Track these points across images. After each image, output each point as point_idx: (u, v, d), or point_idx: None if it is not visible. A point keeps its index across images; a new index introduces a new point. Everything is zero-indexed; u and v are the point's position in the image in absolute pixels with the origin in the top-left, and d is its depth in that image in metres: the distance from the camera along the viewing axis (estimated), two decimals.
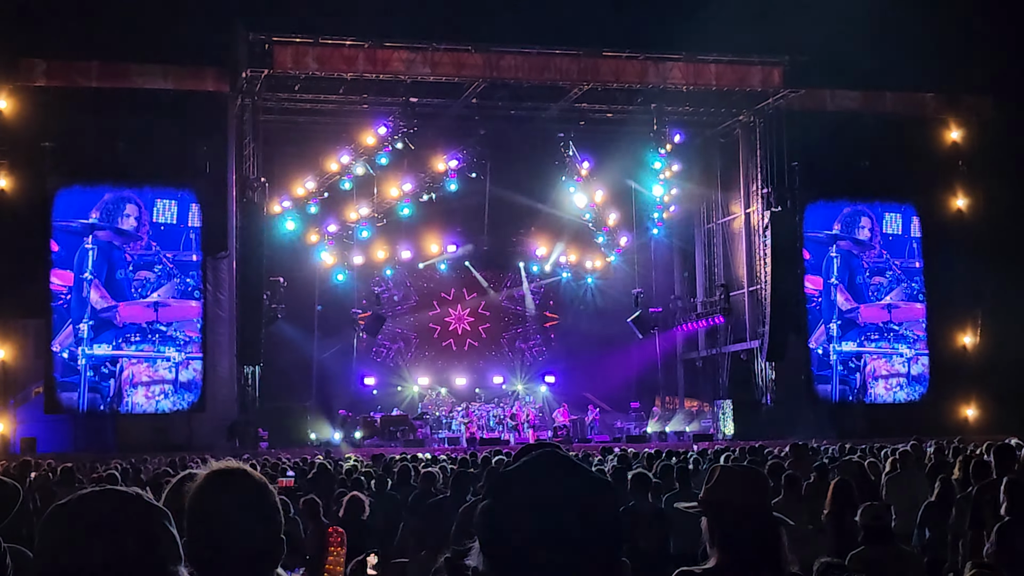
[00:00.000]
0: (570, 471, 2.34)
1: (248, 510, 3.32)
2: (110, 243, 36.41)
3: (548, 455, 2.39)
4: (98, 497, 2.77)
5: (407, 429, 38.14)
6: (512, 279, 46.12)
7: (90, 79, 36.57)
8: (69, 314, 35.91)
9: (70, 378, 35.71)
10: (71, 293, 35.94)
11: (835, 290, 41.64)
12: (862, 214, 42.24)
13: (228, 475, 3.40)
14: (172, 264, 36.78)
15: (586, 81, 38.64)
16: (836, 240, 41.79)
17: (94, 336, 36.00)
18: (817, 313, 41.40)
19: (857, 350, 41.36)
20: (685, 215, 45.37)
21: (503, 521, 2.27)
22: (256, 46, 35.63)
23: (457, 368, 44.51)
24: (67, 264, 36.04)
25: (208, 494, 3.33)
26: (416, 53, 37.16)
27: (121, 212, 36.61)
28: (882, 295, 41.95)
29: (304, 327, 40.63)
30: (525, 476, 2.34)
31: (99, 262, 36.20)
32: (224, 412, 36.68)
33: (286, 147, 39.94)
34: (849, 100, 42.21)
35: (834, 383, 41.10)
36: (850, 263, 41.87)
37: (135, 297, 36.46)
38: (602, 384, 44.11)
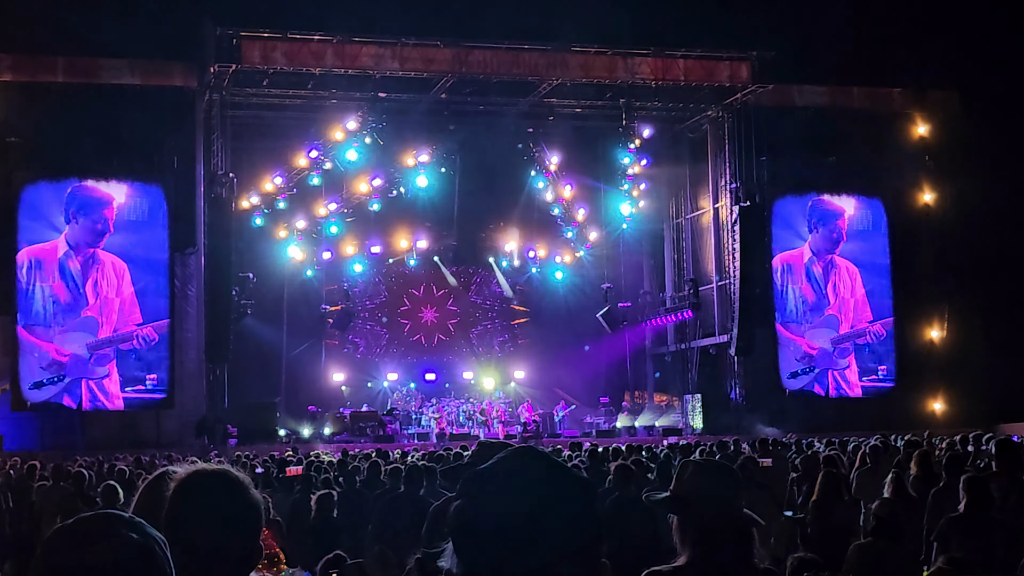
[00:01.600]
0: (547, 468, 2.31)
1: (229, 514, 3.26)
2: (77, 239, 36.12)
3: (523, 451, 2.35)
4: (94, 520, 2.71)
5: (376, 425, 38.01)
6: (481, 275, 46.06)
7: (56, 74, 36.32)
8: (35, 311, 35.63)
9: (37, 375, 35.44)
10: (38, 290, 35.65)
11: (803, 284, 41.72)
12: (829, 209, 42.34)
13: (210, 476, 3.34)
14: (139, 260, 36.52)
15: (555, 76, 38.60)
16: (803, 235, 41.87)
17: (61, 333, 35.72)
18: (785, 308, 41.47)
19: (825, 344, 41.43)
20: (654, 210, 45.36)
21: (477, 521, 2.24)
22: (224, 41, 35.43)
23: (427, 364, 44.42)
24: (33, 261, 35.74)
25: (189, 496, 3.27)
26: (385, 48, 37.07)
27: (87, 207, 36.31)
28: (849, 289, 42.06)
29: (273, 323, 40.48)
30: (500, 474, 2.30)
31: (65, 258, 35.93)
32: (193, 408, 36.49)
33: (254, 142, 39.80)
34: (817, 95, 42.35)
35: (802, 377, 41.18)
36: (818, 258, 41.96)
37: (102, 293, 36.19)
38: (571, 379, 44.12)
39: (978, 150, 40.59)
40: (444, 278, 45.20)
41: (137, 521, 2.63)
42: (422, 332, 45.25)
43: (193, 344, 36.97)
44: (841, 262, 42.24)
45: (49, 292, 35.77)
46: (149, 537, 2.58)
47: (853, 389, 41.49)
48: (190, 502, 3.24)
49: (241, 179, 37.87)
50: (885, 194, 42.66)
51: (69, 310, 35.89)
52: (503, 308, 46.49)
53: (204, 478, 3.32)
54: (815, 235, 42.08)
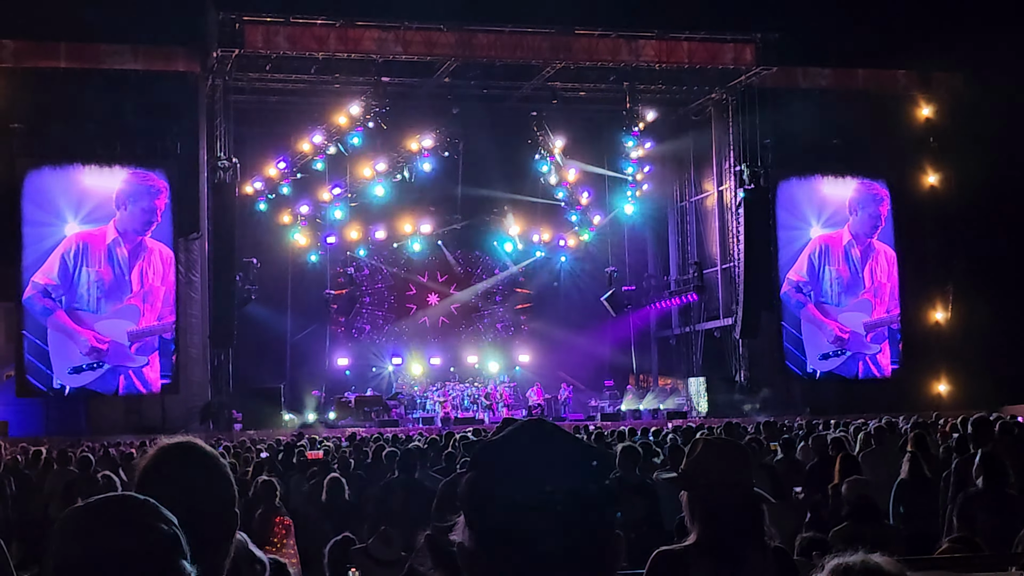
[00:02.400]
0: (559, 439, 2.29)
1: (200, 482, 3.27)
2: (126, 226, 36.16)
3: (535, 424, 2.33)
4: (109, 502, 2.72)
5: (381, 409, 38.04)
6: (485, 259, 46.05)
7: (59, 60, 36.24)
8: (79, 295, 35.66)
9: (76, 360, 35.46)
10: (83, 274, 35.66)
11: (840, 266, 41.65)
12: (834, 191, 42.26)
13: (178, 449, 3.36)
14: (143, 245, 36.50)
15: (559, 59, 38.54)
16: (808, 217, 41.81)
17: (102, 319, 35.74)
18: (820, 288, 41.43)
19: (829, 326, 41.38)
20: (658, 193, 45.36)
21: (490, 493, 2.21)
22: (226, 25, 35.34)
23: (431, 348, 44.41)
24: (81, 245, 35.77)
25: (158, 467, 3.29)
26: (388, 32, 37.01)
27: (139, 196, 36.33)
28: (854, 270, 42.01)
29: (277, 308, 40.49)
30: (512, 446, 2.28)
31: (114, 244, 35.97)
32: (197, 394, 36.56)
33: (258, 127, 39.77)
34: (821, 78, 42.30)
35: (807, 359, 41.15)
36: (822, 239, 41.89)
37: (147, 282, 36.23)
38: (576, 362, 44.12)
39: (983, 132, 40.48)
40: (448, 262, 45.19)
41: (156, 505, 2.63)
42: (426, 317, 45.24)
43: (197, 330, 36.97)
44: (880, 246, 42.13)
45: (95, 277, 35.74)
46: (171, 522, 2.59)
47: (858, 371, 41.47)
48: (158, 477, 3.26)
49: (244, 164, 37.82)
50: (890, 176, 42.55)
51: (112, 297, 35.88)
52: (507, 292, 46.47)
53: (169, 450, 3.34)
54: (855, 217, 41.94)
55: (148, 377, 36.16)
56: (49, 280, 35.46)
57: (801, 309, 41.32)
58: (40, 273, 35.45)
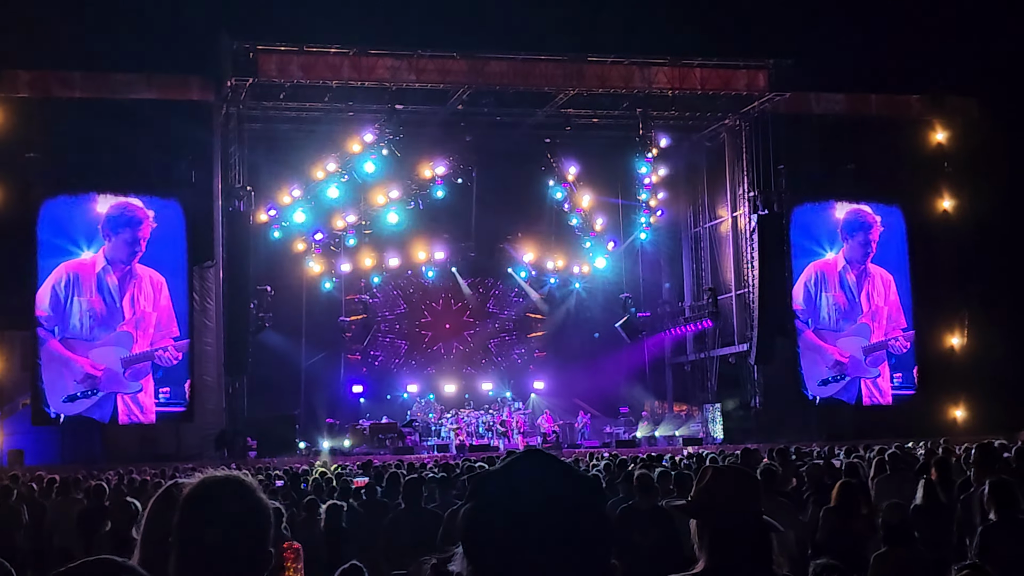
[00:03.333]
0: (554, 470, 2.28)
1: (238, 518, 3.27)
2: (114, 255, 36.21)
3: (531, 454, 2.33)
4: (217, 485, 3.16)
5: (396, 436, 38.01)
6: (499, 286, 46.05)
7: (74, 89, 36.43)
8: (72, 324, 35.70)
9: (70, 389, 35.48)
10: (75, 304, 35.71)
11: (836, 292, 41.55)
12: (848, 216, 42.17)
13: (219, 482, 3.35)
14: (158, 273, 36.56)
15: (571, 86, 38.60)
16: (822, 242, 41.73)
17: (95, 347, 35.77)
18: (805, 315, 41.30)
19: (828, 351, 41.23)
20: (672, 219, 45.38)
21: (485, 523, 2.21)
22: (241, 54, 35.47)
23: (446, 375, 44.38)
24: (72, 275, 35.79)
25: (200, 502, 3.28)
26: (401, 60, 37.10)
27: (124, 224, 36.39)
28: (869, 296, 41.90)
29: (292, 335, 40.49)
30: (508, 476, 2.28)
31: (104, 273, 36.02)
32: (212, 421, 36.56)
33: (272, 155, 39.85)
34: (834, 103, 42.28)
35: (822, 385, 40.99)
36: (851, 266, 41.79)
37: (139, 308, 36.25)
38: (591, 389, 44.02)
39: (997, 156, 40.43)
40: (462, 290, 45.19)
41: (133, 567, 2.66)
42: (441, 343, 45.23)
43: (212, 357, 37.01)
44: (875, 270, 42.02)
45: (86, 306, 35.79)
46: None
47: (885, 397, 41.27)
48: (201, 507, 3.26)
49: (259, 192, 37.93)
50: (904, 201, 42.46)
51: (104, 324, 35.92)
52: (520, 319, 46.45)
53: (213, 484, 3.33)
54: (849, 244, 41.85)
55: (143, 403, 36.08)
56: (42, 312, 35.51)
57: (799, 336, 41.17)
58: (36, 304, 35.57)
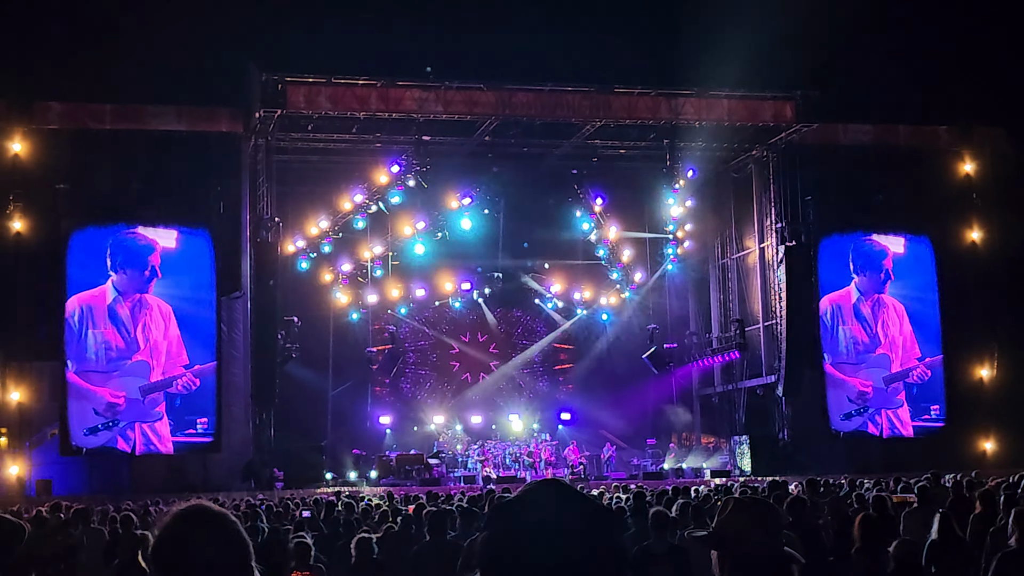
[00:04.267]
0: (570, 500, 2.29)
1: (216, 547, 3.30)
2: (124, 285, 36.39)
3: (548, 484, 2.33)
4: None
5: (422, 468, 37.96)
6: (526, 318, 46.06)
7: (104, 121, 36.71)
8: (88, 357, 35.86)
9: (91, 420, 35.61)
10: (90, 336, 35.89)
11: (853, 325, 41.39)
12: (876, 247, 42.05)
13: (192, 515, 3.39)
14: (186, 304, 36.73)
15: (598, 117, 38.66)
16: (850, 274, 41.61)
17: (113, 378, 35.92)
18: (837, 348, 41.14)
19: (878, 384, 41.05)
20: (699, 250, 45.34)
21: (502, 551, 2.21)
22: (269, 86, 35.66)
23: (472, 406, 44.36)
24: (85, 308, 35.99)
25: (173, 535, 3.31)
26: (428, 92, 37.22)
27: (133, 255, 36.59)
28: (897, 328, 41.71)
29: (319, 367, 40.60)
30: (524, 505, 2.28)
31: (115, 304, 36.19)
32: (239, 452, 36.60)
33: (300, 186, 40.02)
34: (862, 134, 42.20)
35: (851, 417, 40.79)
36: (865, 297, 41.64)
37: (151, 338, 36.39)
38: (618, 421, 43.97)
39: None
40: (488, 321, 45.23)
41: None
42: (467, 374, 45.23)
43: (239, 388, 37.09)
44: (888, 300, 41.87)
45: (101, 338, 35.98)
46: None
47: (906, 428, 41.02)
48: (175, 540, 3.30)
49: (286, 223, 38.09)
50: (932, 232, 42.29)
51: (121, 355, 36.09)
52: (547, 350, 46.41)
53: (181, 521, 3.37)
54: (862, 276, 41.73)
55: (160, 432, 36.14)
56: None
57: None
58: None
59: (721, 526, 4.52)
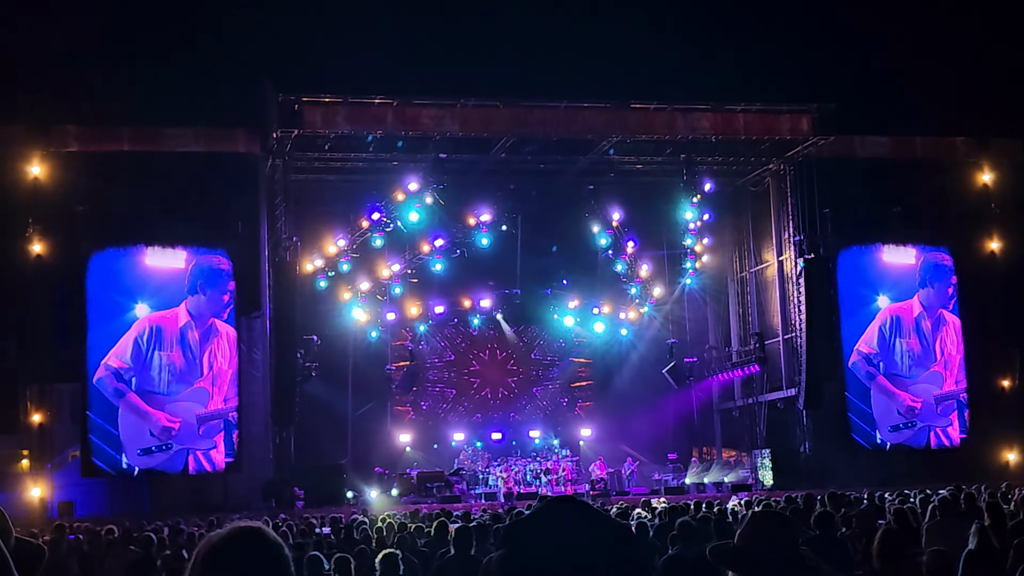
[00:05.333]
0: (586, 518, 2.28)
1: (263, 571, 3.29)
2: (200, 309, 36.57)
3: (564, 501, 2.32)
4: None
5: (443, 485, 37.90)
6: (545, 332, 46.03)
7: (121, 143, 36.87)
8: (151, 377, 36.00)
9: (146, 441, 35.72)
10: (155, 357, 36.02)
11: (896, 337, 41.26)
12: (896, 260, 41.94)
13: (245, 534, 3.38)
14: (214, 329, 36.81)
15: (614, 133, 38.67)
16: (869, 285, 41.51)
17: (173, 402, 36.02)
18: (877, 359, 40.98)
19: (900, 397, 40.89)
20: (718, 264, 45.28)
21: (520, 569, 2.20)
22: (286, 107, 35.77)
23: (493, 423, 44.33)
24: (154, 328, 36.17)
25: (224, 549, 3.30)
26: (445, 110, 37.28)
27: (213, 279, 36.79)
28: (918, 338, 41.58)
29: (338, 385, 40.60)
30: (540, 523, 2.27)
31: (186, 328, 36.35)
32: (260, 471, 36.61)
33: (317, 205, 40.12)
34: (879, 146, 42.13)
35: (877, 431, 40.66)
36: (891, 310, 41.52)
37: (216, 364, 36.53)
38: (638, 436, 43.85)
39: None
40: (508, 338, 45.25)
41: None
42: (487, 391, 45.21)
43: (259, 407, 37.13)
44: (949, 318, 41.74)
45: (167, 360, 36.10)
46: None
47: (924, 441, 40.89)
48: (222, 557, 3.29)
49: (305, 242, 38.17)
50: (951, 243, 42.19)
51: (183, 380, 36.22)
52: (566, 366, 46.35)
53: (230, 538, 3.36)
54: (927, 290, 41.57)
55: (215, 459, 36.37)
56: (122, 363, 35.81)
57: (872, 380, 40.91)
58: (112, 355, 35.80)
59: (739, 540, 4.50)
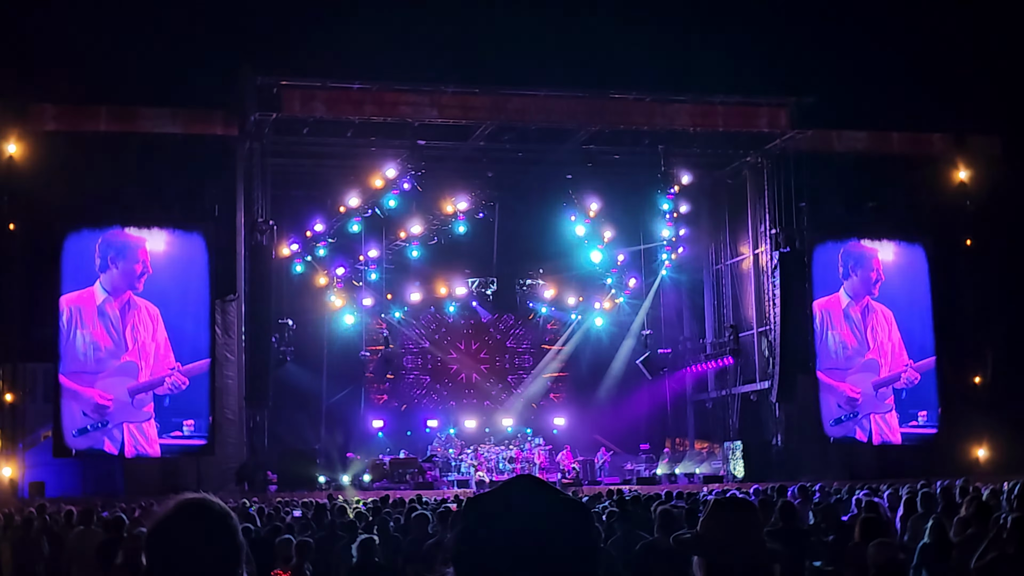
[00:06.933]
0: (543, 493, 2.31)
1: (210, 542, 3.32)
2: (114, 284, 36.36)
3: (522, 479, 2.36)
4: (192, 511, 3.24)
5: (416, 472, 37.97)
6: (520, 321, 46.09)
7: (98, 123, 36.64)
8: (77, 357, 35.85)
9: (80, 421, 35.60)
10: (78, 336, 35.87)
11: (843, 330, 41.41)
12: (870, 254, 42.09)
13: (191, 507, 3.40)
14: (131, 303, 36.56)
15: (593, 123, 38.71)
16: (844, 280, 41.65)
17: (102, 378, 35.89)
18: (827, 353, 41.16)
19: (867, 389, 41.08)
20: (693, 256, 45.34)
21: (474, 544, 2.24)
22: (264, 90, 35.70)
23: (466, 410, 44.38)
24: (74, 308, 36.00)
25: (170, 526, 3.33)
26: (423, 96, 37.26)
27: (123, 253, 36.57)
28: (886, 333, 41.74)
29: (313, 370, 40.60)
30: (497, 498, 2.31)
31: (104, 304, 36.17)
32: (233, 455, 36.54)
33: (295, 190, 40.05)
34: (856, 141, 42.20)
35: (846, 423, 40.82)
36: (855, 302, 41.66)
37: (139, 338, 36.35)
38: (612, 426, 43.95)
39: (1020, 194, 40.36)
40: (483, 325, 45.32)
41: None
42: (461, 378, 45.26)
43: (233, 391, 37.05)
44: (877, 306, 41.87)
45: (90, 338, 35.93)
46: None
47: (894, 434, 41.02)
48: (171, 531, 3.32)
49: (281, 226, 38.11)
50: (926, 239, 42.34)
51: (110, 355, 36.06)
52: (540, 355, 46.40)
53: (186, 508, 3.39)
54: (851, 280, 41.73)
55: (148, 434, 36.01)
56: None
57: None
58: None
59: (702, 527, 4.54)
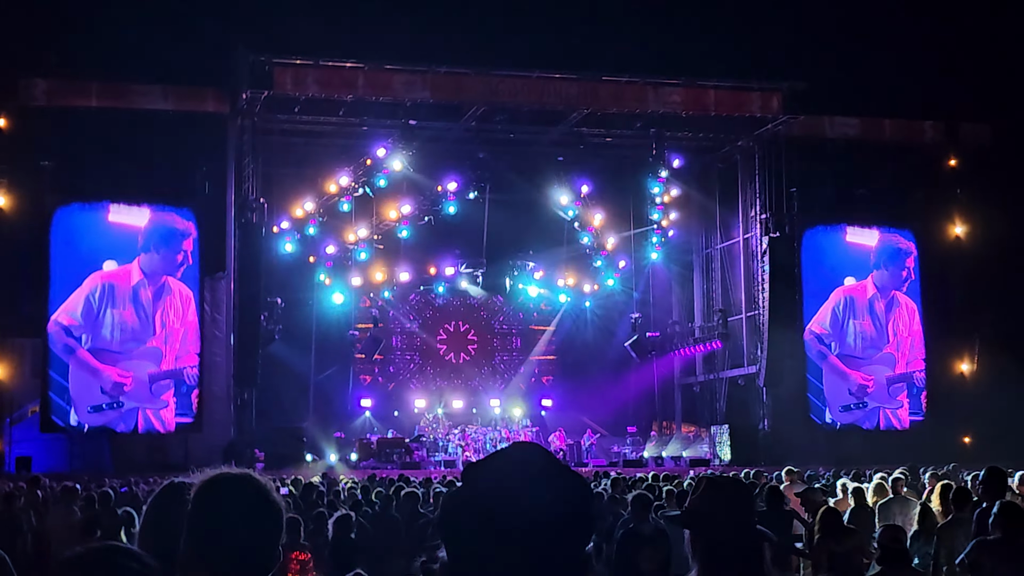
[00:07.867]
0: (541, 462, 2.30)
1: (255, 517, 3.29)
2: (153, 267, 36.47)
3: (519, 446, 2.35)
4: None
5: (403, 451, 38.00)
6: (510, 302, 46.09)
7: (90, 99, 36.54)
8: (103, 335, 35.84)
9: (96, 399, 35.61)
10: (107, 315, 35.87)
11: (850, 318, 41.49)
12: (860, 240, 42.16)
13: (239, 480, 3.37)
14: (166, 287, 36.66)
15: (585, 105, 38.66)
16: (833, 266, 41.71)
17: (125, 360, 35.91)
18: (829, 339, 41.25)
19: (852, 376, 41.18)
20: (684, 240, 45.36)
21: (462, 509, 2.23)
22: (257, 68, 35.57)
23: (454, 390, 44.42)
24: (106, 286, 35.99)
25: (218, 495, 3.29)
26: (416, 76, 37.17)
27: (168, 238, 36.65)
28: (879, 321, 41.84)
29: (302, 348, 40.55)
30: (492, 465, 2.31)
31: (139, 286, 36.22)
32: (220, 433, 36.56)
33: (285, 168, 39.90)
34: (848, 127, 42.25)
35: (831, 409, 40.96)
36: (882, 294, 41.76)
37: (169, 323, 36.41)
38: (599, 408, 43.99)
39: (1010, 184, 40.43)
40: (472, 306, 45.34)
41: (136, 552, 2.69)
42: (450, 359, 45.29)
43: (222, 369, 37.06)
44: (903, 299, 42.02)
45: (119, 318, 36.01)
46: (148, 567, 2.65)
47: (882, 421, 41.22)
48: (217, 500, 3.28)
49: (272, 204, 38.03)
50: (916, 226, 42.46)
51: (136, 338, 36.15)
52: (529, 336, 46.46)
53: (231, 479, 3.35)
54: (882, 271, 41.88)
55: (165, 418, 36.30)
56: (72, 320, 35.68)
57: (823, 360, 41.20)
58: (63, 312, 35.70)
59: (693, 504, 4.55)
